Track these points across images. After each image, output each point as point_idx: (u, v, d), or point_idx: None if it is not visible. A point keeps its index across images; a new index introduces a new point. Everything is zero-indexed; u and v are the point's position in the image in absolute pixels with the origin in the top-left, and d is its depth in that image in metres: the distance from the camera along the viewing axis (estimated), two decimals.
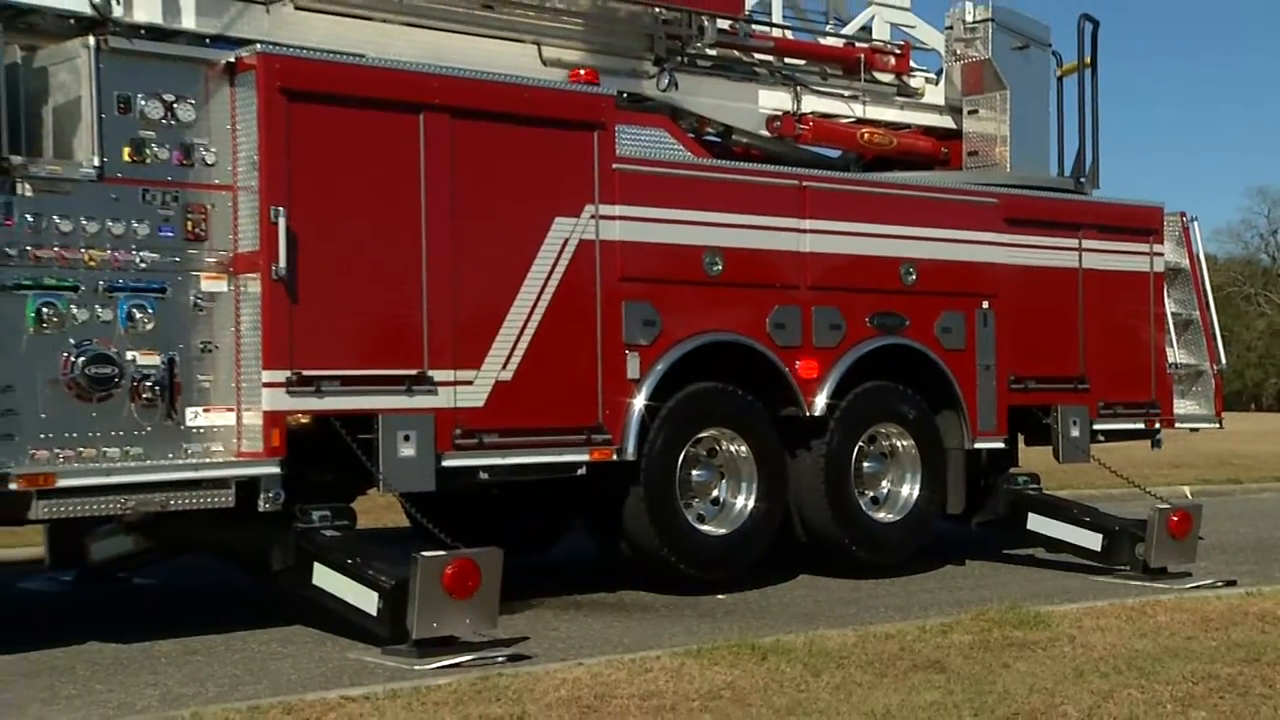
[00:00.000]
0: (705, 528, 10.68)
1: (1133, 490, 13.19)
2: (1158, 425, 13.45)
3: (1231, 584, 10.95)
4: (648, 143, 10.52)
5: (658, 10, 11.27)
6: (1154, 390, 13.40)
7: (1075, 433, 12.60)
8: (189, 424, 8.69)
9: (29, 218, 8.23)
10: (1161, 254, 13.64)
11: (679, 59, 11.53)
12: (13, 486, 7.96)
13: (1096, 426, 12.86)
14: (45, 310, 8.24)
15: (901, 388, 11.71)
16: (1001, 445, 12.35)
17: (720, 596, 10.52)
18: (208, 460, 8.67)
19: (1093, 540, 11.72)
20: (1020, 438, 12.89)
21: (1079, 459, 12.76)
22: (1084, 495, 13.94)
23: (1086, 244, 12.90)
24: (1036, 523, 12.09)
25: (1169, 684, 7.32)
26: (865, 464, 11.60)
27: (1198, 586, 10.89)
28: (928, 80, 13.41)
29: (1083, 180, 13.42)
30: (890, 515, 11.73)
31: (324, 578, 8.58)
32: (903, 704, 6.93)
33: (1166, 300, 13.75)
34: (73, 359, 8.29)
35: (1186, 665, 7.76)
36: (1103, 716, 6.75)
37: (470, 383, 9.47)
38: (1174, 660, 7.92)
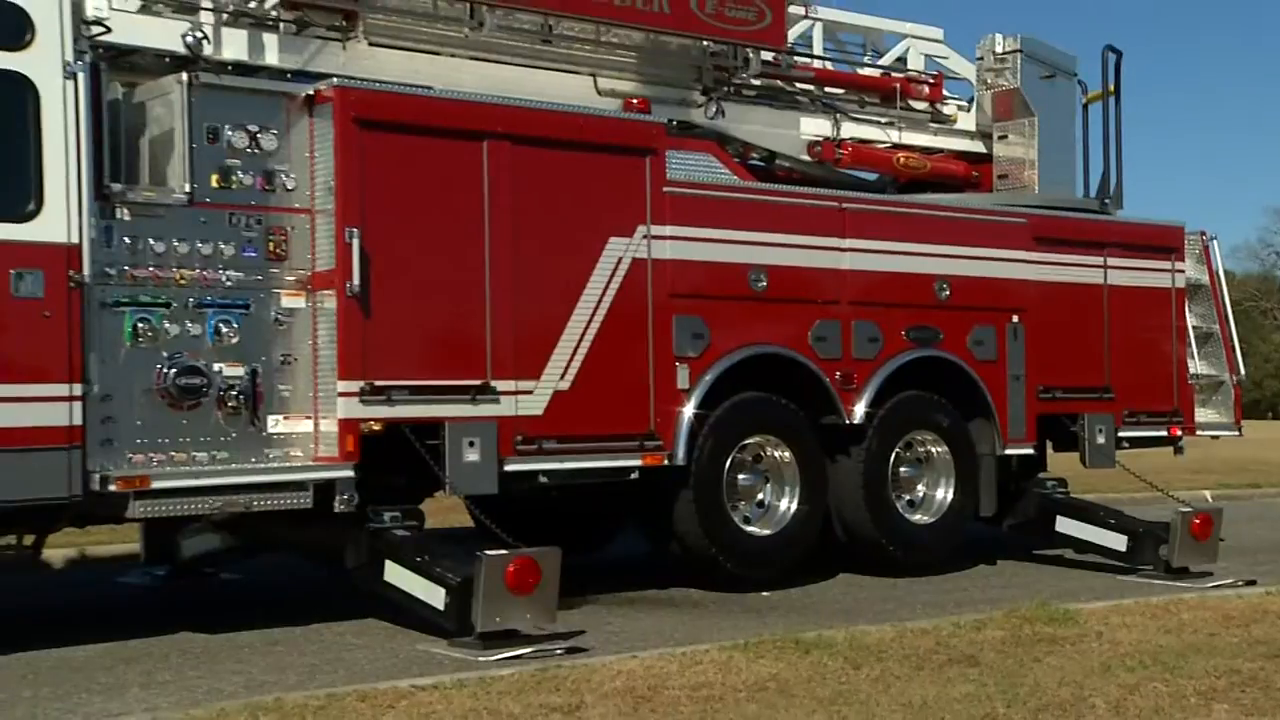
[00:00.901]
0: (751, 529, 10.67)
1: (1156, 494, 13.08)
2: (1180, 433, 13.34)
3: (1252, 583, 10.85)
4: (696, 167, 10.55)
5: (706, 43, 11.27)
6: (1176, 399, 13.31)
7: (1101, 440, 12.53)
8: (270, 431, 8.75)
9: (127, 240, 8.33)
10: (1183, 271, 13.55)
11: (726, 89, 11.52)
12: (112, 488, 8.04)
13: (1121, 434, 12.76)
14: (141, 325, 8.34)
15: (936, 397, 11.67)
16: (1031, 451, 12.28)
17: (765, 594, 10.50)
18: (287, 464, 8.73)
19: (1118, 541, 11.66)
20: (1049, 444, 12.81)
21: (1105, 464, 12.68)
22: (1109, 499, 13.83)
23: (1111, 261, 12.83)
24: (1064, 525, 12.02)
25: (1192, 678, 7.27)
26: (902, 469, 11.57)
27: (1219, 586, 10.80)
28: (960, 108, 13.36)
29: (1107, 201, 13.35)
30: (925, 517, 11.70)
31: (395, 574, 8.62)
32: (939, 696, 6.93)
33: (1187, 314, 13.66)
34: (165, 370, 8.38)
35: (1209, 660, 7.71)
36: (1129, 709, 6.72)
37: (530, 392, 9.49)
38: (1197, 656, 7.87)
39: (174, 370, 8.40)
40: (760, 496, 10.79)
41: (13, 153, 7.96)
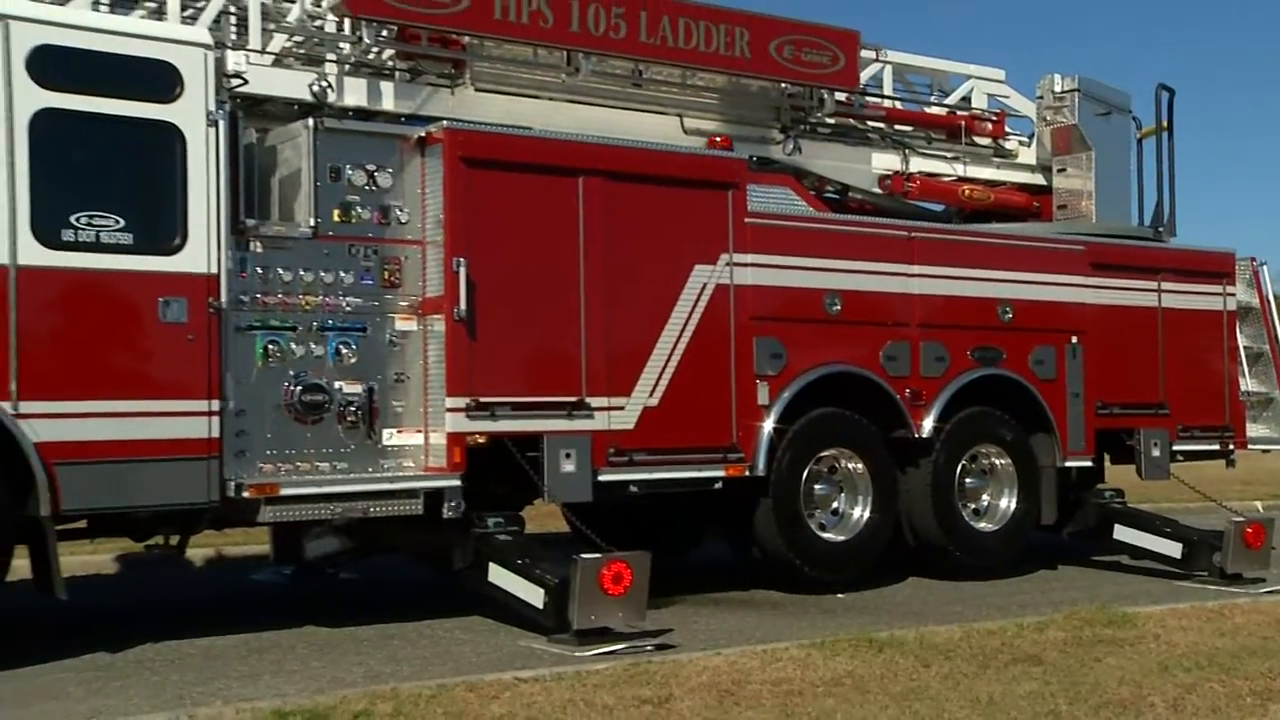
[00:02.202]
0: (826, 535, 10.61)
1: (1209, 504, 12.85)
2: (1231, 446, 13.12)
3: None
4: (775, 200, 10.52)
5: (784, 85, 11.30)
6: (1228, 415, 13.09)
7: (1156, 453, 12.36)
8: (385, 443, 8.82)
9: (259, 270, 8.46)
10: (1234, 294, 13.32)
11: (802, 127, 11.56)
12: (245, 494, 8.16)
13: (1176, 447, 12.58)
14: (271, 347, 8.46)
15: (1000, 413, 11.55)
16: (1089, 463, 12.13)
17: (840, 595, 10.44)
18: (401, 474, 8.78)
19: (1173, 549, 11.46)
20: (1106, 457, 12.63)
21: (1160, 476, 12.50)
22: (1164, 508, 13.56)
23: (1165, 286, 12.65)
24: (1122, 533, 11.84)
25: (1248, 679, 7.15)
26: (967, 480, 11.46)
27: (1272, 591, 10.59)
28: (1021, 143, 13.27)
29: (1161, 229, 13.20)
30: (990, 525, 11.57)
31: (498, 575, 8.65)
32: (1005, 693, 6.86)
33: (1239, 335, 13.44)
34: (292, 388, 8.49)
35: (1264, 662, 7.56)
36: (1187, 707, 6.62)
37: (622, 408, 9.51)
38: (1252, 658, 7.73)
39: (300, 388, 8.52)
40: (835, 505, 10.73)
41: (162, 193, 8.09)
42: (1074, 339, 11.99)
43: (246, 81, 8.73)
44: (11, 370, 7.56)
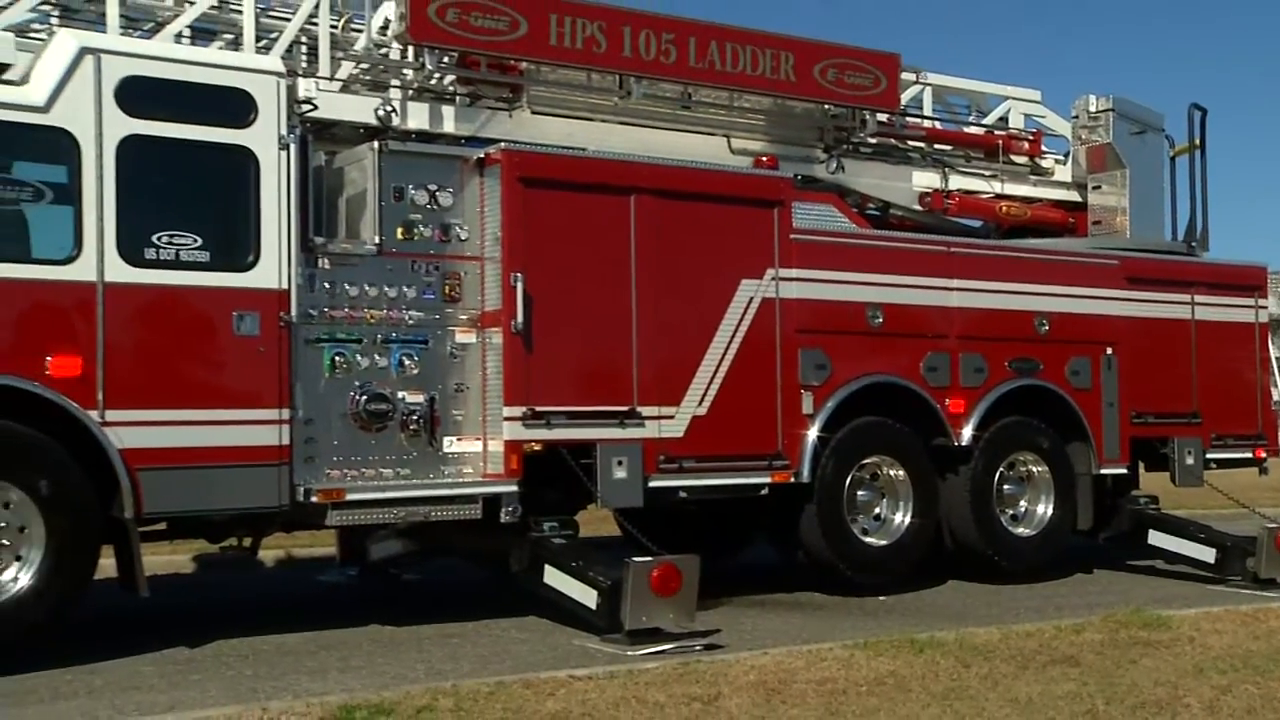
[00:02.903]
0: (869, 539, 10.58)
1: (1242, 511, 12.71)
2: (1264, 454, 12.97)
3: None
4: (819, 217, 10.50)
5: (827, 107, 11.29)
6: (1260, 424, 12.95)
7: (1190, 460, 12.23)
8: (445, 450, 8.87)
9: (327, 286, 8.54)
10: (1265, 306, 13.18)
11: (845, 146, 11.53)
12: (314, 499, 8.24)
13: (1209, 455, 12.44)
14: (337, 359, 8.54)
15: (1036, 421, 11.49)
16: (1124, 471, 12.02)
17: (881, 598, 10.40)
18: (460, 480, 8.84)
19: (1207, 554, 11.35)
20: (1141, 465, 12.51)
21: (1193, 483, 12.38)
22: (1198, 514, 13.45)
23: (1198, 299, 12.54)
24: (1156, 538, 11.74)
25: None
26: (1005, 486, 11.39)
27: None
28: (1057, 161, 13.19)
29: (1194, 244, 13.08)
30: (1027, 530, 11.50)
31: (553, 577, 8.66)
32: (1043, 693, 6.82)
33: (1270, 346, 13.30)
34: (358, 397, 8.57)
35: None
36: (1222, 709, 6.55)
37: (671, 417, 9.52)
38: None
39: (365, 397, 8.59)
40: (877, 510, 10.70)
41: (237, 213, 8.21)
42: (1109, 350, 11.90)
43: (316, 107, 8.84)
44: (98, 381, 7.69)
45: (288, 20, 9.58)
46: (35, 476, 7.50)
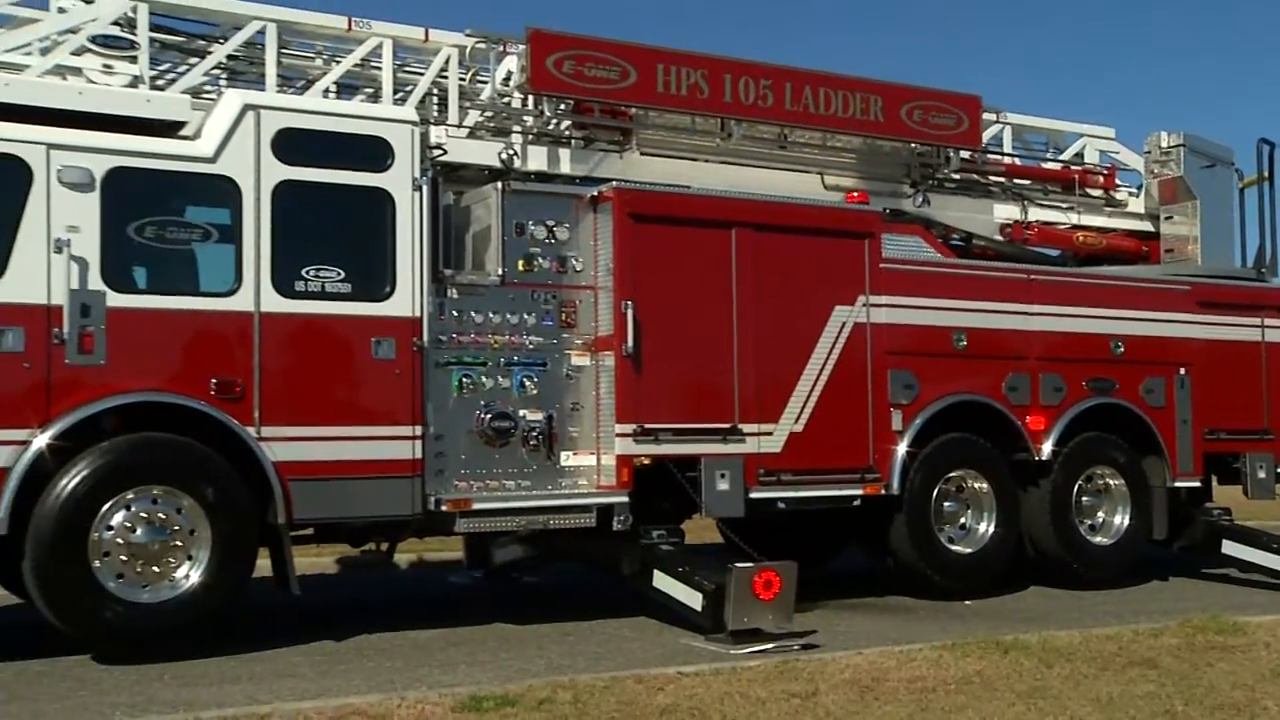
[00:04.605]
0: (955, 548, 10.42)
1: None
2: None
3: None
4: (906, 247, 10.41)
5: (914, 145, 11.21)
6: None
7: (1261, 474, 11.87)
8: (562, 464, 8.90)
9: (455, 313, 8.63)
10: None
11: (930, 182, 11.42)
12: (443, 508, 8.33)
13: None
14: (465, 380, 8.63)
15: (1113, 437, 11.24)
16: (1198, 484, 11.70)
17: (967, 602, 10.23)
18: (576, 491, 8.86)
19: (1279, 563, 11.00)
20: (1214, 478, 12.18)
21: (1265, 496, 12.01)
22: (1269, 526, 13.02)
23: (1268, 321, 12.16)
24: (1230, 548, 11.40)
25: None
26: (1084, 498, 11.15)
27: None
28: (1130, 193, 12.91)
29: (1263, 270, 12.66)
30: (1105, 540, 11.23)
31: (661, 581, 8.64)
32: (1123, 693, 6.65)
33: None
34: (483, 416, 8.64)
35: None
36: None
37: (770, 433, 9.47)
38: None
39: (489, 416, 8.66)
40: (962, 520, 10.54)
41: (375, 249, 8.35)
42: (1182, 370, 11.61)
43: (446, 151, 8.92)
44: (255, 400, 7.88)
45: (421, 74, 9.76)
46: (203, 485, 7.69)
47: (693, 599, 8.37)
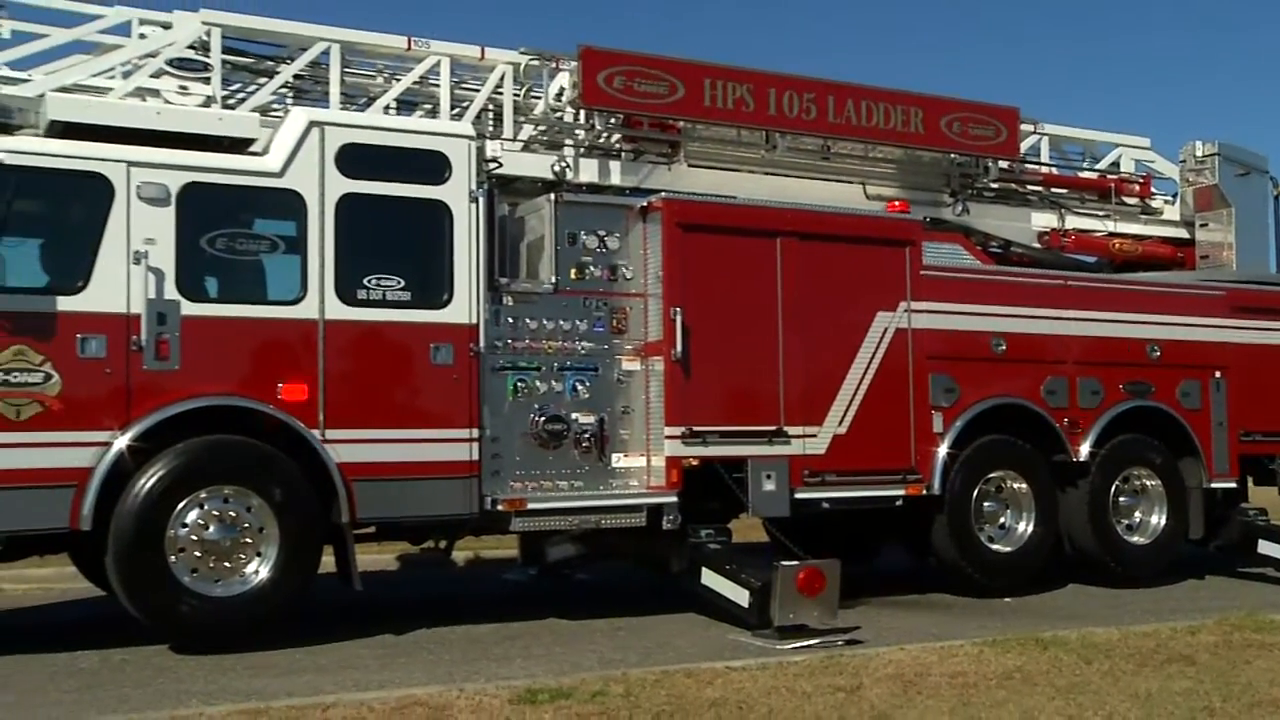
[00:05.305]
0: (994, 546, 10.32)
1: None
2: None
3: None
4: (946, 255, 10.36)
5: (953, 156, 11.14)
6: None
7: None
8: (613, 465, 8.91)
9: (510, 320, 8.66)
10: None
11: (970, 191, 11.35)
12: (499, 507, 8.36)
13: None
14: (519, 385, 8.66)
15: (1149, 439, 11.09)
16: (1233, 485, 11.53)
17: (1007, 600, 10.13)
18: (627, 491, 8.86)
19: None
20: (1250, 479, 12.00)
21: None
22: None
23: None
24: (1266, 547, 11.21)
25: None
26: (1121, 498, 11.00)
27: None
28: (1166, 201, 12.77)
29: None
30: (1142, 539, 11.09)
31: (709, 579, 8.63)
32: (1161, 689, 6.55)
33: None
34: (537, 419, 8.66)
35: None
36: None
37: (815, 435, 9.44)
38: None
39: (543, 419, 8.68)
40: (1002, 520, 10.43)
41: (433, 258, 8.40)
42: (1217, 373, 11.45)
43: (501, 164, 9.01)
44: (320, 404, 7.96)
45: (477, 91, 9.83)
46: (271, 485, 7.78)
47: (740, 596, 8.35)
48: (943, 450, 9.95)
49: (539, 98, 9.99)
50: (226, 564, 7.72)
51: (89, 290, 7.51)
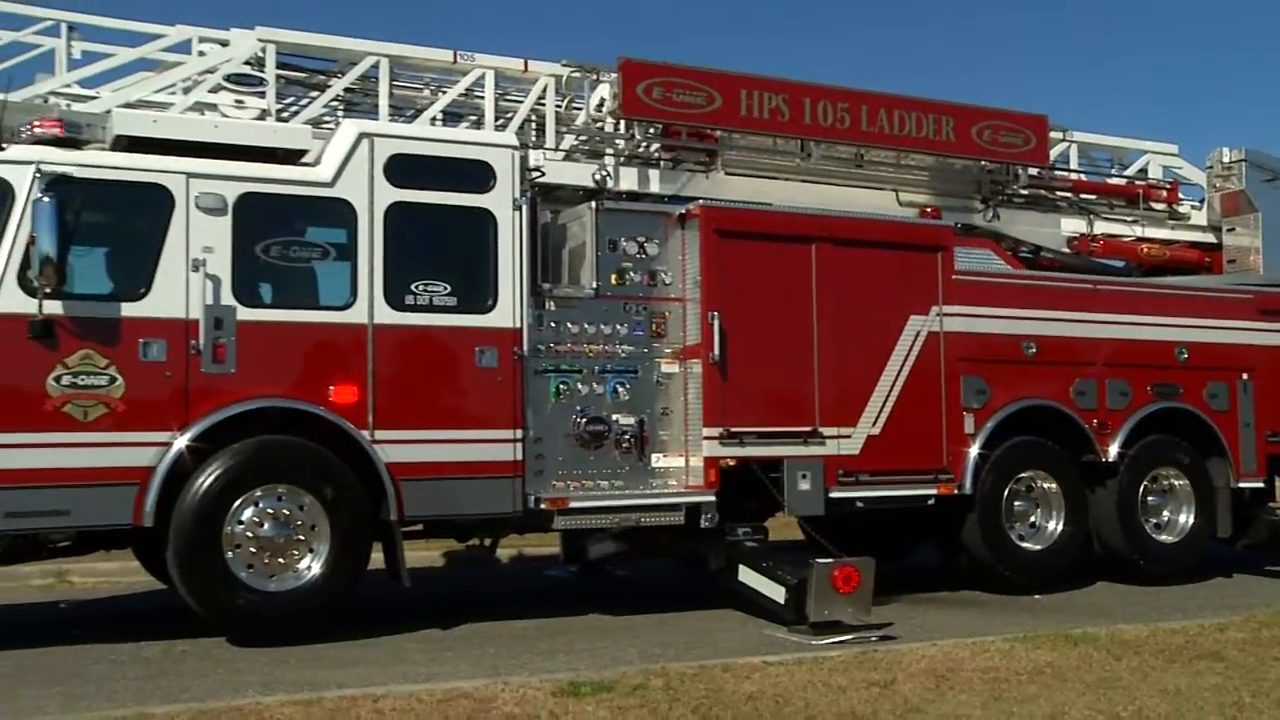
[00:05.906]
0: (1025, 545, 10.24)
1: None
2: None
3: None
4: (977, 260, 10.29)
5: (984, 163, 11.07)
6: None
7: None
8: (653, 465, 8.91)
9: (552, 324, 8.68)
10: None
11: (1000, 197, 11.26)
12: (542, 506, 8.38)
13: None
14: (561, 387, 8.67)
15: (1177, 440, 10.97)
16: (1261, 485, 11.38)
17: (1037, 597, 10.05)
18: (666, 491, 8.87)
19: None
20: (1277, 479, 11.84)
21: None
22: None
23: None
24: None
25: None
26: (1149, 498, 10.89)
27: None
28: (1193, 207, 12.62)
29: None
30: (1170, 538, 10.97)
31: (746, 576, 8.64)
32: (1190, 685, 6.49)
33: None
34: (578, 420, 8.68)
35: None
36: None
37: (849, 436, 9.40)
38: None
39: (584, 420, 8.70)
40: (1032, 519, 10.34)
41: (478, 264, 8.43)
42: (1244, 375, 11.31)
43: (543, 174, 9.03)
44: (369, 406, 8.00)
45: (520, 102, 9.87)
46: (322, 484, 7.83)
47: (776, 592, 8.35)
48: (974, 451, 9.88)
49: (580, 108, 10.01)
50: (280, 560, 7.78)
51: (150, 296, 7.60)
